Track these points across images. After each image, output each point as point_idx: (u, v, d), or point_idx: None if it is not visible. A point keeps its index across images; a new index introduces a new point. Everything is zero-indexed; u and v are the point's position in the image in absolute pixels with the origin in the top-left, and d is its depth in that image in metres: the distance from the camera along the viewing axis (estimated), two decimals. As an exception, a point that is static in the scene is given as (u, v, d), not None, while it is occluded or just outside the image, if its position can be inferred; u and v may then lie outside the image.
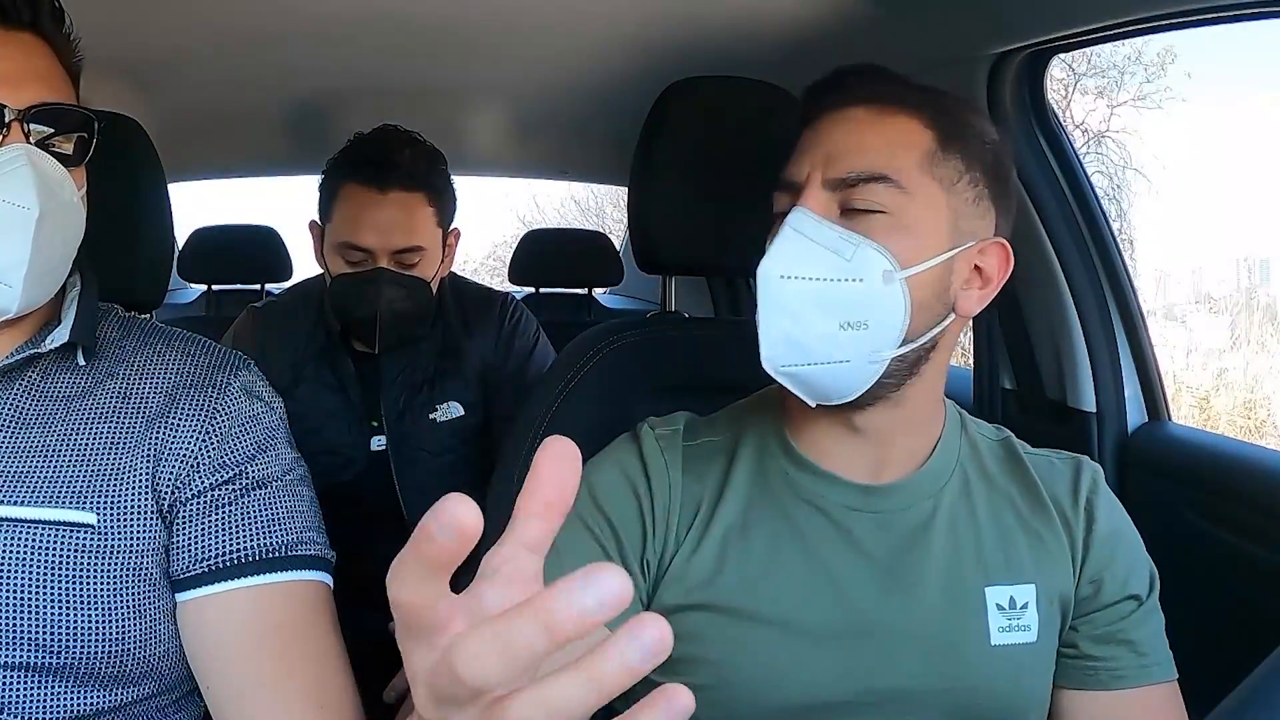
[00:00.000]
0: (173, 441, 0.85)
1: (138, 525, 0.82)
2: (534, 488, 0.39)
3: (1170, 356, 6.97)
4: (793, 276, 0.79)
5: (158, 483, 0.83)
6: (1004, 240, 0.87)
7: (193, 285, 2.97)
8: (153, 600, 0.82)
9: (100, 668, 0.79)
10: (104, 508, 0.81)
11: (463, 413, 1.64)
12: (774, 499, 0.88)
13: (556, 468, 0.38)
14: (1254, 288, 8.28)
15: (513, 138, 2.44)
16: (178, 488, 0.84)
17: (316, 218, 1.59)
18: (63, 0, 0.86)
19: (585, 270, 2.89)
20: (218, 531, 0.84)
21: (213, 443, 0.86)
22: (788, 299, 0.79)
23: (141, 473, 0.83)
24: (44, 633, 0.77)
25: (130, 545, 0.81)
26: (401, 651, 0.41)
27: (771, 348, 0.81)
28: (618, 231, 6.73)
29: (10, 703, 0.77)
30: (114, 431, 0.84)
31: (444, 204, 1.56)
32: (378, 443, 1.62)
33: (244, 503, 0.85)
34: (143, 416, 0.86)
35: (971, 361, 1.58)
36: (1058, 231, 1.41)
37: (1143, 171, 6.94)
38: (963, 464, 0.90)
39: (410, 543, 0.38)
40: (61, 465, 0.82)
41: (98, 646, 0.79)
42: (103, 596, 0.79)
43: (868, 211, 0.80)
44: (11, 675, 0.77)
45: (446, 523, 0.37)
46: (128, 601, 0.80)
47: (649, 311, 1.39)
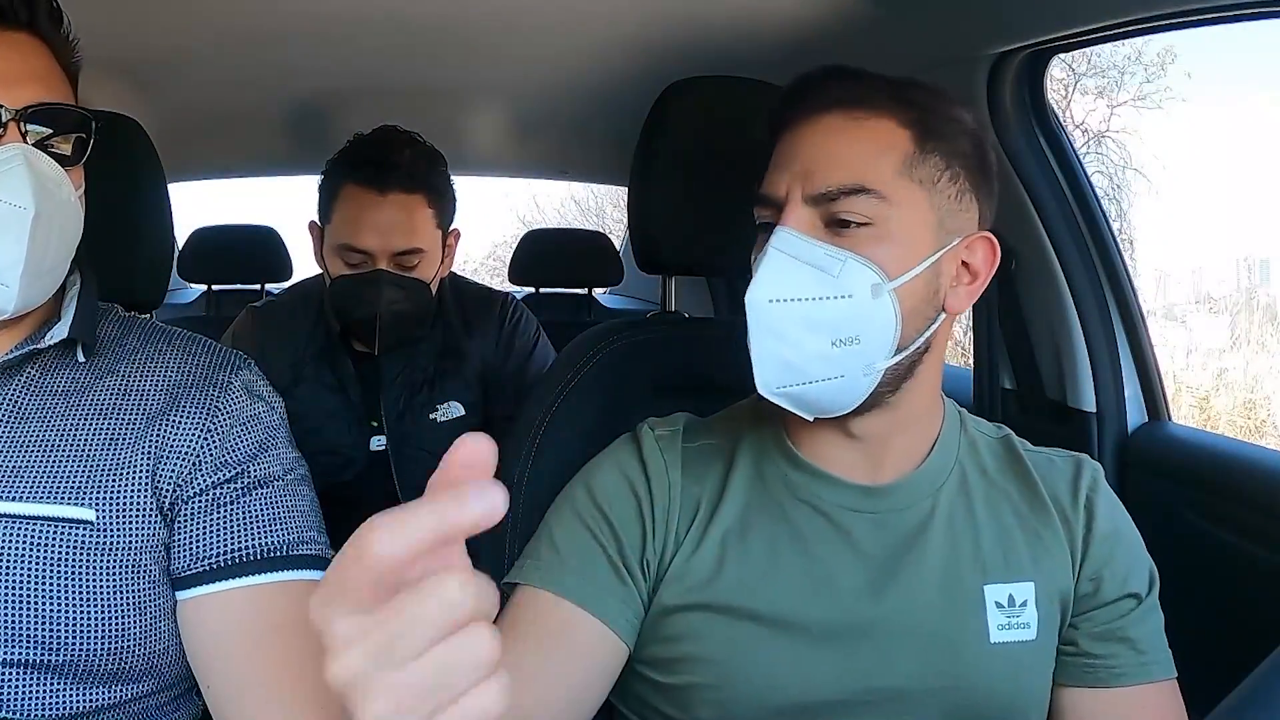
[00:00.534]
0: (174, 439, 0.85)
1: (137, 523, 0.82)
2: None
3: (1170, 356, 6.97)
4: (781, 299, 0.79)
5: (158, 480, 0.83)
6: (989, 234, 0.87)
7: (193, 285, 2.98)
8: (152, 598, 0.82)
9: (99, 665, 0.79)
10: (103, 504, 0.81)
11: (463, 413, 1.64)
12: (773, 500, 0.88)
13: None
14: (1254, 288, 8.28)
15: (513, 138, 2.44)
16: (179, 486, 0.84)
17: (316, 218, 1.59)
18: (62, 0, 0.86)
19: (585, 270, 2.89)
20: (219, 530, 0.84)
21: (214, 441, 0.86)
22: (777, 322, 0.79)
23: (141, 470, 0.83)
24: (43, 629, 0.77)
25: (129, 542, 0.81)
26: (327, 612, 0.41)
27: (765, 372, 0.81)
28: (618, 231, 6.73)
29: (9, 699, 0.77)
30: (114, 428, 0.84)
31: (444, 205, 1.56)
32: (377, 443, 1.62)
33: (245, 502, 0.85)
34: (143, 414, 0.86)
35: (971, 361, 1.58)
36: (1058, 231, 1.41)
37: (1143, 171, 6.94)
38: (961, 462, 0.90)
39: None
40: (60, 460, 0.82)
41: (97, 643, 0.79)
42: (102, 593, 0.79)
43: (851, 224, 0.80)
44: (10, 672, 0.77)
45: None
46: (127, 598, 0.80)
47: (649, 311, 1.38)
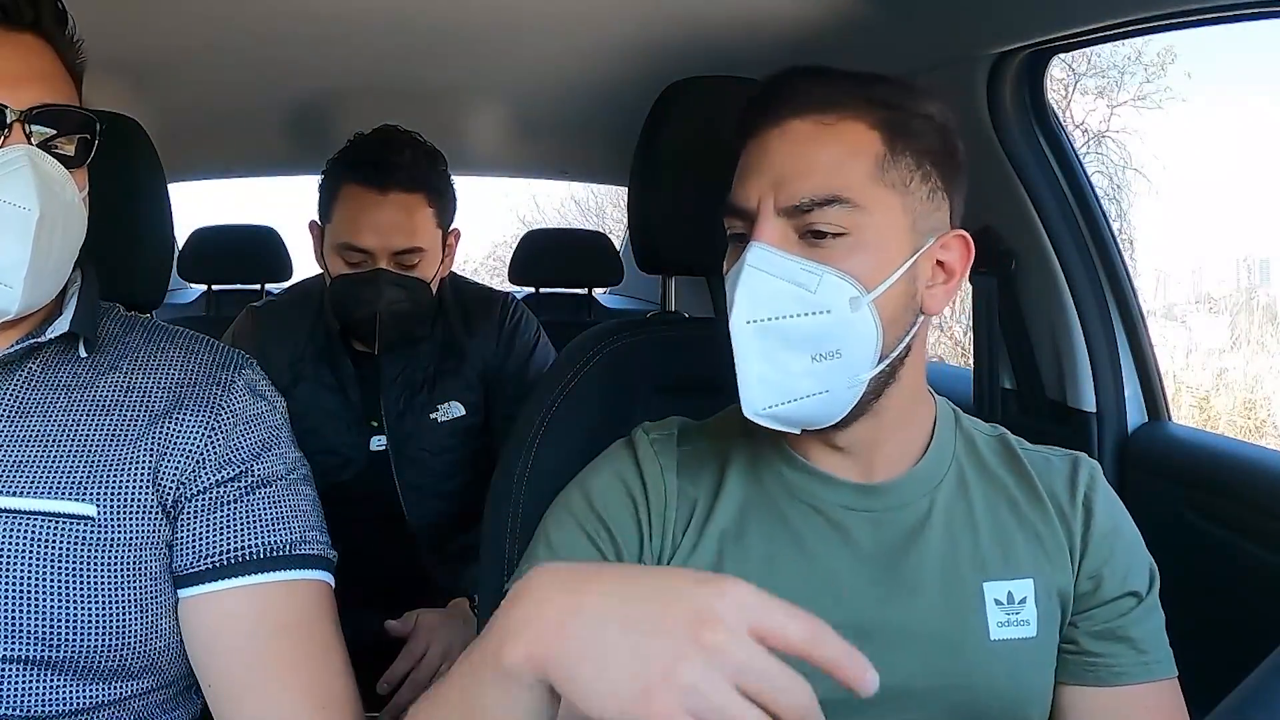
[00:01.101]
0: (178, 437, 0.85)
1: (139, 520, 0.82)
2: None
3: (1170, 356, 6.97)
4: (759, 320, 0.78)
5: (161, 478, 0.83)
6: (962, 231, 0.86)
7: (193, 285, 2.97)
8: (154, 595, 0.82)
9: (100, 662, 0.80)
10: (104, 500, 0.81)
11: (464, 412, 1.64)
12: (769, 500, 0.88)
13: None
14: (1254, 288, 8.28)
15: (513, 138, 2.44)
16: (182, 484, 0.84)
17: (316, 218, 1.59)
18: (64, 1, 0.86)
19: (585, 270, 2.89)
20: (221, 529, 0.84)
21: (218, 440, 0.86)
22: (757, 342, 0.79)
23: (144, 467, 0.83)
24: (43, 626, 0.77)
25: (131, 539, 0.81)
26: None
27: (750, 393, 0.80)
28: (618, 231, 6.73)
29: (9, 696, 0.77)
30: (115, 425, 0.84)
31: (444, 204, 1.56)
32: (377, 443, 1.62)
33: (248, 501, 0.86)
34: (146, 412, 0.86)
35: (971, 361, 1.58)
36: (1058, 231, 1.41)
37: (1143, 171, 6.94)
38: (958, 459, 0.90)
39: None
40: (61, 455, 0.82)
41: (97, 640, 0.79)
42: (103, 590, 0.79)
43: (826, 235, 0.79)
44: (10, 668, 0.77)
45: None
46: (128, 595, 0.81)
47: (649, 311, 1.39)
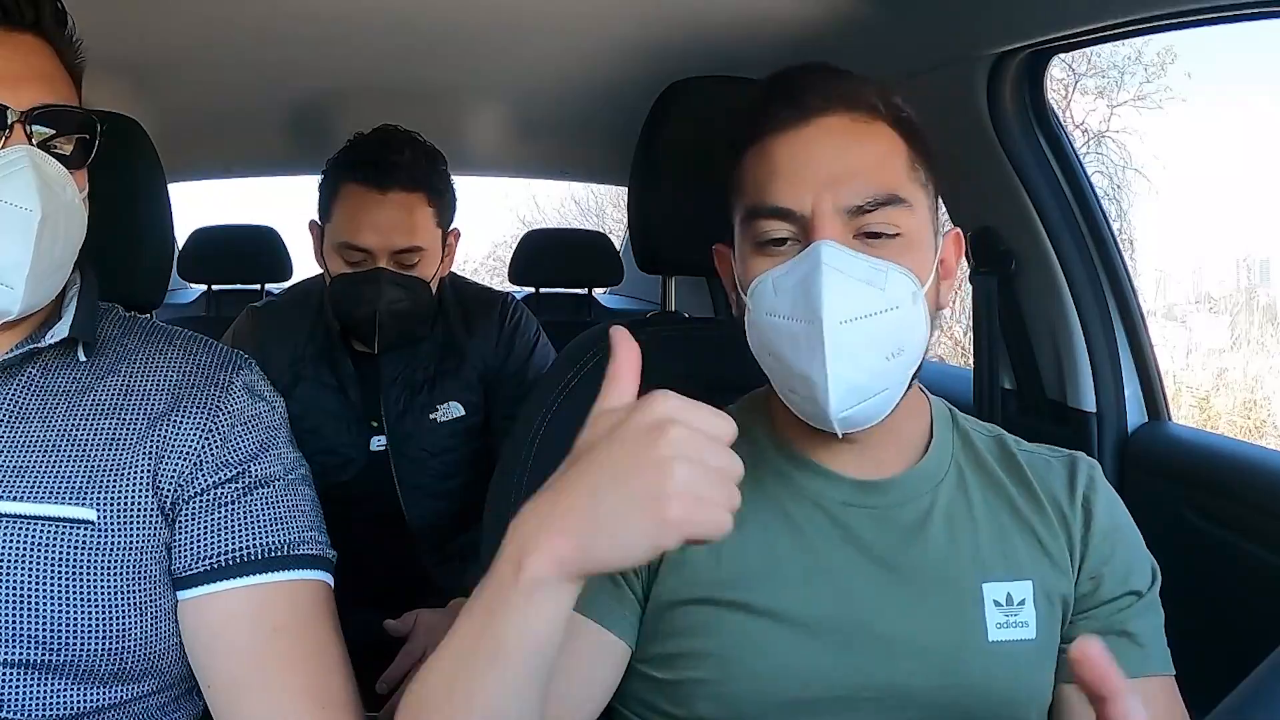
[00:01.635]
0: (176, 439, 0.85)
1: (138, 523, 0.82)
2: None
3: (1170, 356, 6.97)
4: (850, 319, 0.77)
5: (159, 480, 0.83)
6: (957, 229, 0.89)
7: (193, 285, 2.98)
8: (154, 598, 0.82)
9: (100, 665, 0.79)
10: (104, 504, 0.81)
11: (463, 413, 1.64)
12: (770, 497, 0.88)
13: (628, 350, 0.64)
14: (1254, 288, 8.29)
15: (513, 138, 2.44)
16: (180, 486, 0.84)
17: (316, 218, 1.59)
18: (64, 1, 0.86)
19: (585, 270, 2.89)
20: (220, 530, 0.84)
21: (216, 441, 0.86)
22: (848, 344, 0.77)
23: (143, 470, 0.83)
24: (44, 630, 0.77)
25: (131, 543, 0.81)
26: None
27: (838, 398, 0.78)
28: (618, 231, 6.73)
29: (10, 699, 0.77)
30: (115, 428, 0.84)
31: (444, 204, 1.56)
32: (377, 443, 1.62)
33: (246, 501, 0.85)
34: (145, 414, 0.86)
35: (971, 361, 1.58)
36: (1058, 231, 1.41)
37: (1143, 171, 6.94)
38: (957, 459, 0.90)
39: None
40: (61, 460, 0.82)
41: (97, 643, 0.79)
42: (103, 593, 0.79)
43: (885, 235, 0.79)
44: (11, 672, 0.77)
45: None
46: (128, 599, 0.80)
47: (649, 311, 1.39)
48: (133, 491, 0.82)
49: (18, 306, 0.80)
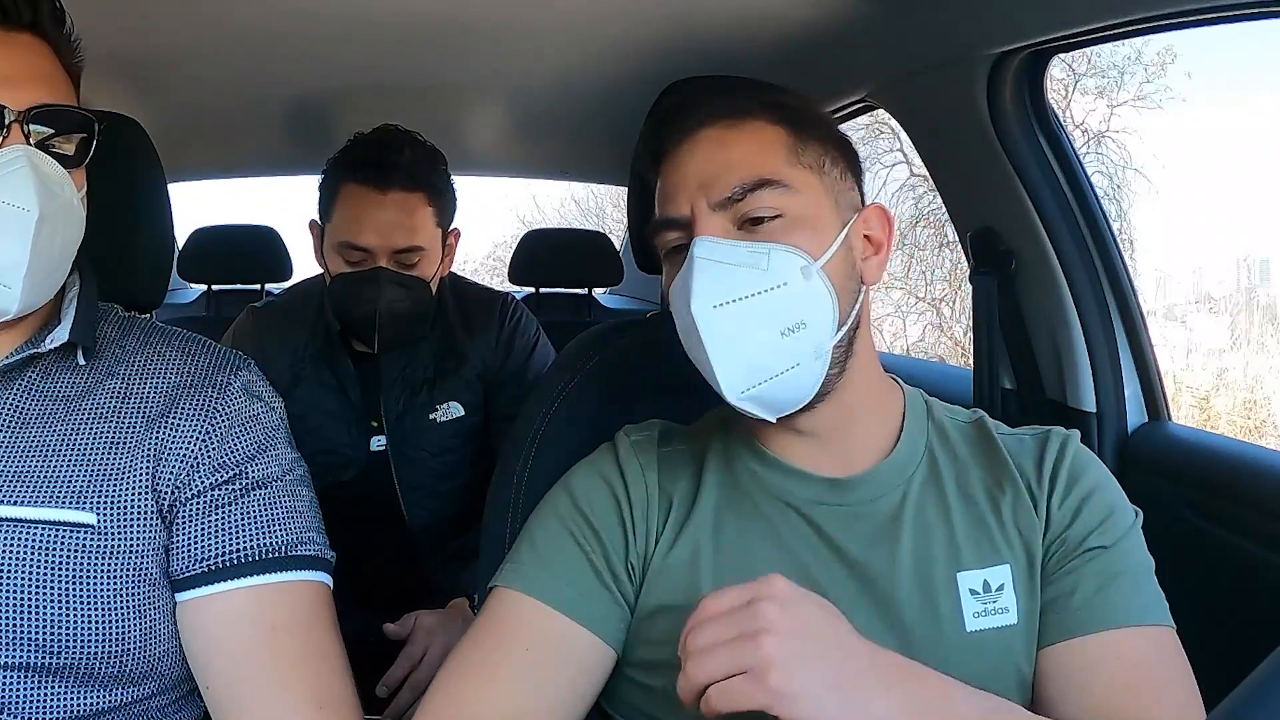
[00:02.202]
0: (173, 441, 0.85)
1: (138, 525, 0.82)
2: None
3: (1170, 356, 6.98)
4: (724, 302, 0.80)
5: (158, 483, 0.83)
6: (879, 204, 0.91)
7: (193, 285, 2.97)
8: (153, 600, 0.82)
9: (100, 668, 0.79)
10: (104, 508, 0.81)
11: (463, 413, 1.64)
12: (745, 498, 0.89)
13: None
14: (1254, 288, 8.28)
15: (513, 138, 2.44)
16: (178, 488, 0.84)
17: (316, 217, 1.59)
18: (63, 1, 0.86)
19: (585, 270, 2.88)
20: (218, 531, 0.84)
21: (213, 443, 0.86)
22: (726, 325, 0.80)
23: (141, 473, 0.83)
24: (44, 633, 0.77)
25: (130, 545, 0.81)
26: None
27: (730, 379, 0.81)
28: (618, 231, 6.73)
29: (10, 703, 0.77)
30: (114, 431, 0.84)
31: (444, 204, 1.56)
32: (377, 443, 1.62)
33: (244, 503, 0.85)
34: (143, 416, 0.86)
35: (971, 361, 1.58)
36: (1058, 231, 1.41)
37: (1143, 171, 6.94)
38: (930, 450, 0.91)
39: None
40: (61, 465, 0.82)
41: (98, 647, 0.79)
42: (103, 597, 0.79)
43: (765, 219, 0.83)
44: (11, 675, 0.77)
45: None
46: (128, 602, 0.80)
47: (649, 311, 1.39)
48: (132, 494, 0.82)
49: (15, 306, 0.80)
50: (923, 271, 7.34)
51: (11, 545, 0.78)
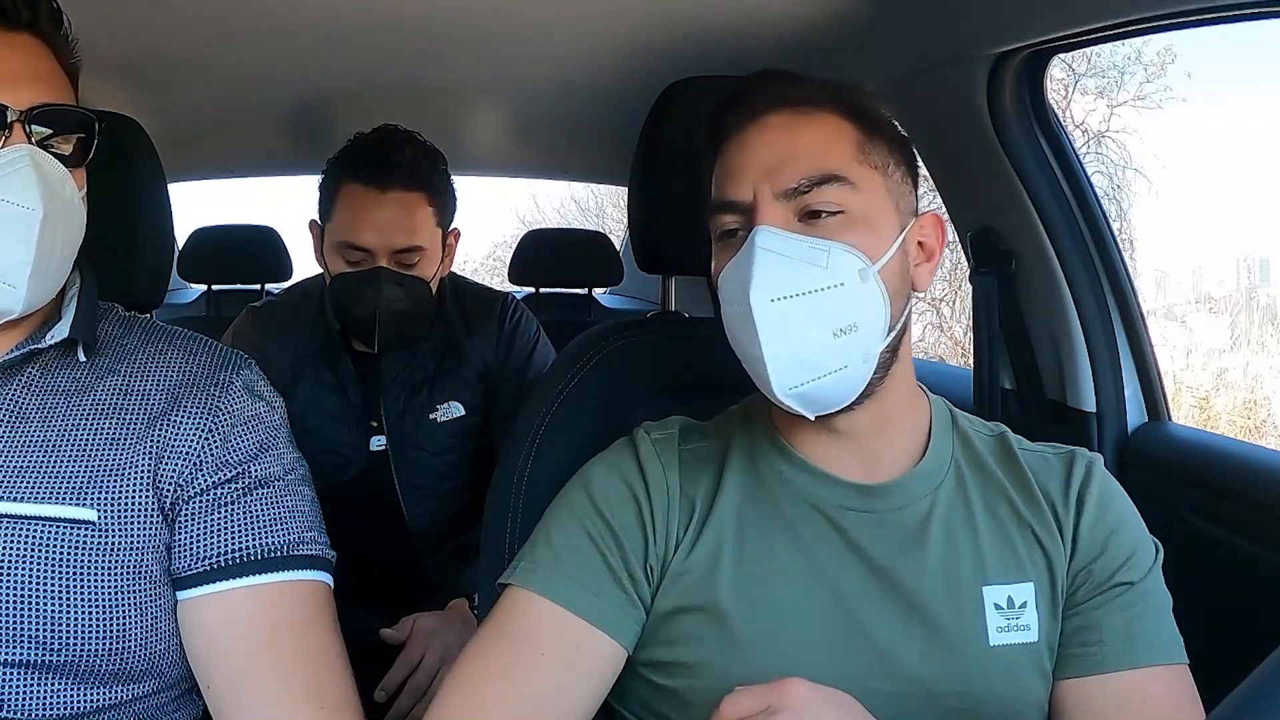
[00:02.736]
0: (176, 440, 0.85)
1: (139, 523, 0.82)
2: None
3: (1170, 356, 6.97)
4: (782, 297, 0.79)
5: (160, 481, 0.83)
6: (934, 212, 0.90)
7: (193, 285, 2.97)
8: (154, 598, 0.82)
9: (101, 665, 0.80)
10: (105, 505, 0.81)
11: (463, 413, 1.64)
12: (769, 499, 0.88)
13: None
14: (1254, 288, 8.28)
15: (513, 138, 2.44)
16: (180, 486, 0.84)
17: (316, 217, 1.59)
18: (62, 0, 0.86)
19: (585, 270, 2.88)
20: (219, 530, 0.84)
21: (216, 441, 0.86)
22: (782, 320, 0.79)
23: (143, 470, 0.83)
24: (44, 630, 0.77)
25: (131, 543, 0.81)
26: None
27: (779, 374, 0.80)
28: (618, 231, 6.73)
29: (10, 700, 0.77)
30: (115, 429, 0.84)
31: (444, 203, 1.56)
32: (377, 443, 1.62)
33: (246, 502, 0.85)
34: (145, 414, 0.86)
35: (971, 361, 1.58)
36: (1058, 231, 1.41)
37: (1143, 171, 6.94)
38: (957, 460, 0.90)
39: None
40: (61, 460, 0.82)
41: (98, 644, 0.79)
42: (103, 594, 0.79)
43: (826, 214, 0.82)
44: (12, 672, 0.77)
45: None
46: (129, 599, 0.81)
47: (649, 311, 1.39)
48: (133, 491, 0.82)
49: (20, 306, 0.80)
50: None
51: (12, 542, 0.78)
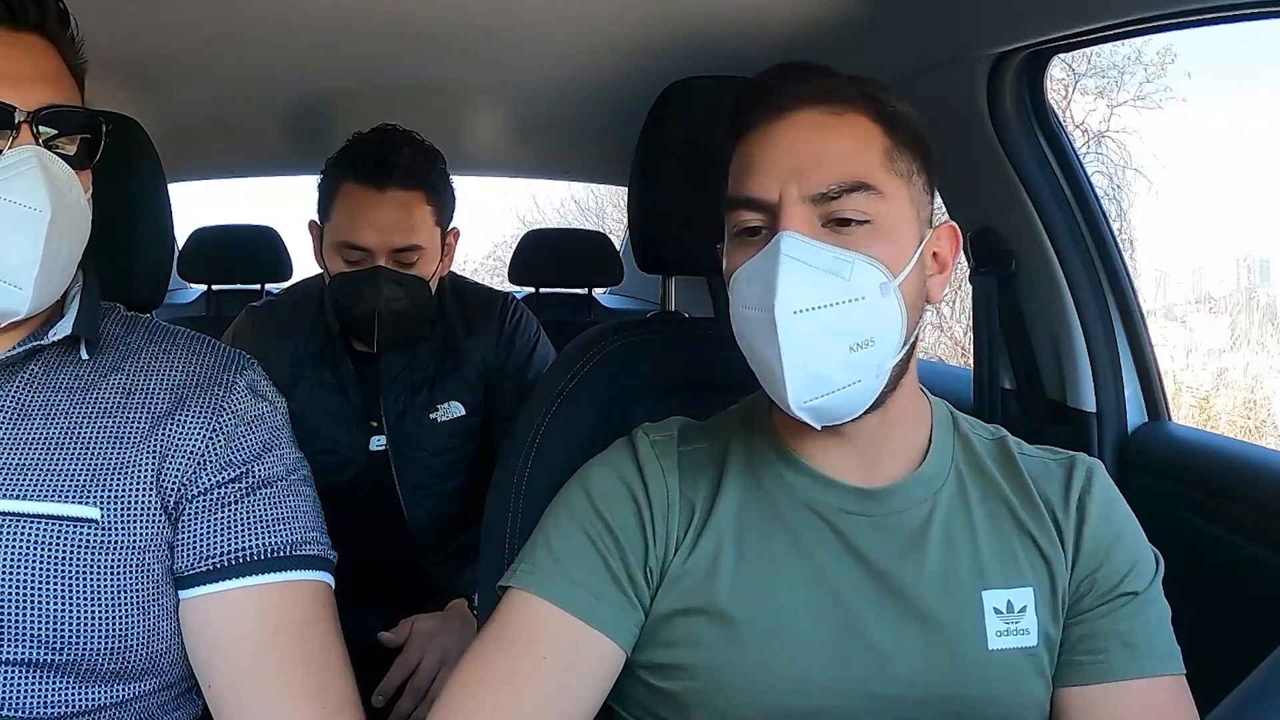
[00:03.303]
0: (179, 439, 0.85)
1: (141, 522, 0.82)
2: None
3: (1170, 356, 6.97)
4: (804, 309, 0.77)
5: (163, 480, 0.83)
6: (952, 222, 0.88)
7: (193, 285, 2.97)
8: (156, 597, 0.82)
9: (102, 664, 0.80)
10: (107, 503, 0.81)
11: (463, 413, 1.64)
12: (768, 501, 0.88)
13: None
14: (1254, 288, 8.28)
15: (513, 138, 2.44)
16: (184, 485, 0.84)
17: (316, 217, 1.59)
18: (65, 1, 0.86)
19: (585, 270, 2.88)
20: (222, 530, 0.84)
21: (219, 441, 0.86)
22: (803, 333, 0.77)
23: (146, 469, 0.83)
24: (46, 628, 0.78)
25: (134, 542, 0.81)
26: None
27: (796, 387, 0.79)
28: (618, 231, 6.73)
29: (12, 698, 0.77)
30: (118, 427, 0.84)
31: (443, 203, 1.56)
32: (377, 443, 1.62)
33: (248, 502, 0.86)
34: (148, 413, 0.86)
35: (971, 361, 1.58)
36: (1058, 232, 1.41)
37: (1143, 171, 6.94)
38: (957, 465, 0.90)
39: None
40: (64, 458, 0.82)
41: (100, 642, 0.79)
42: (106, 592, 0.79)
43: (852, 222, 0.80)
44: (14, 671, 0.77)
45: None
46: (130, 598, 0.81)
47: (649, 311, 1.39)
48: (136, 490, 0.82)
49: (26, 307, 0.80)
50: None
51: (14, 540, 0.78)
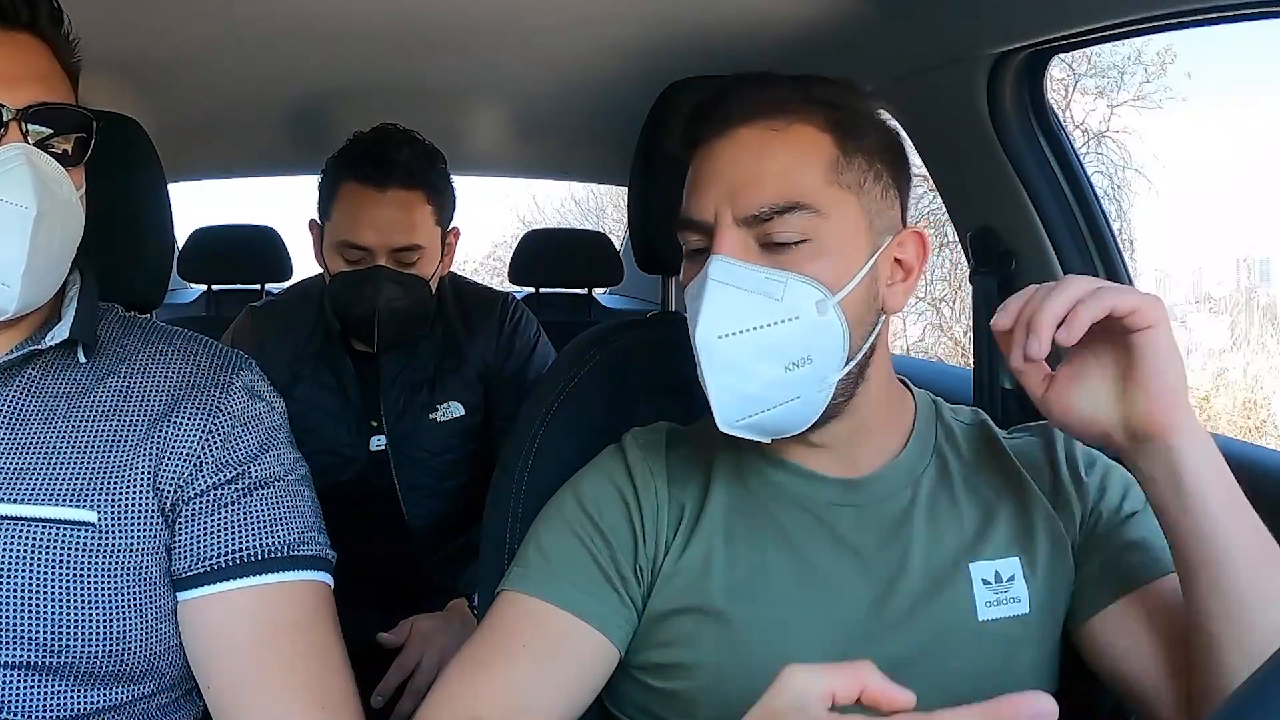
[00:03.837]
0: (176, 441, 0.85)
1: (139, 524, 0.82)
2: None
3: (1170, 356, 6.95)
4: (729, 334, 0.77)
5: (160, 482, 0.83)
6: (917, 229, 0.87)
7: (193, 285, 2.97)
8: (154, 599, 0.82)
9: (100, 667, 0.79)
10: (105, 506, 0.81)
11: (463, 412, 1.64)
12: (756, 501, 0.88)
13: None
14: (1254, 288, 8.29)
15: (513, 138, 2.44)
16: (180, 487, 0.84)
17: (316, 217, 1.59)
18: (62, 0, 0.86)
19: (585, 270, 2.88)
20: (220, 531, 0.84)
21: (216, 442, 0.86)
22: (729, 356, 0.78)
23: (143, 471, 0.83)
24: (44, 632, 0.77)
25: (131, 544, 0.81)
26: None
27: (724, 409, 0.79)
28: (618, 231, 6.73)
29: (10, 702, 0.77)
30: (115, 430, 0.84)
31: (443, 202, 1.57)
32: (377, 443, 1.62)
33: (246, 502, 0.85)
34: (145, 416, 0.86)
35: (971, 361, 1.58)
36: (1058, 232, 1.41)
37: (1143, 171, 6.94)
38: (940, 449, 0.91)
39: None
40: (61, 462, 0.82)
41: (98, 645, 0.79)
42: (103, 595, 0.79)
43: (788, 244, 0.79)
44: (11, 674, 0.77)
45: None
46: (129, 600, 0.80)
47: (649, 311, 1.39)
48: (133, 493, 0.82)
49: (14, 305, 0.80)
50: (923, 271, 7.35)
51: (11, 544, 0.78)
